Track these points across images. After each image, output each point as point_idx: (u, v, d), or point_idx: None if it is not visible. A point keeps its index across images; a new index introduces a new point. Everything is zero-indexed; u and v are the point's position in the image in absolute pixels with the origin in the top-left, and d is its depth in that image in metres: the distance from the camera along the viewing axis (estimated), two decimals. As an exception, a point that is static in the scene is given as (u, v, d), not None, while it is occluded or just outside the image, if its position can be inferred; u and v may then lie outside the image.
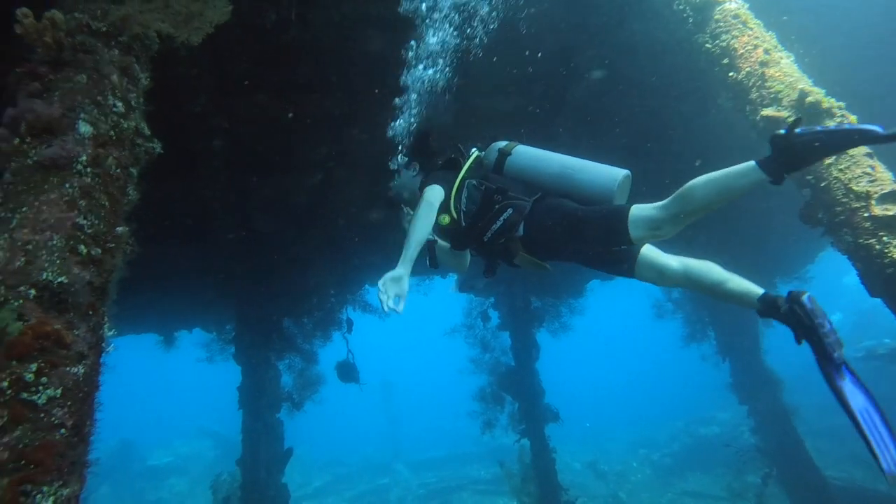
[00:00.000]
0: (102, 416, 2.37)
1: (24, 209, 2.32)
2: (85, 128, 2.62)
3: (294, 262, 9.31)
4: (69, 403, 2.04)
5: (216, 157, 7.10)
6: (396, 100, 5.85)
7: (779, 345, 12.87)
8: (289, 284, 9.58)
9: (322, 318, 10.39)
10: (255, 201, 8.02)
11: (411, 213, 3.92)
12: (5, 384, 1.92)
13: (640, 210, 3.27)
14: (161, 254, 7.97)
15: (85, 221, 2.40)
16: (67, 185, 2.43)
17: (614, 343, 51.52)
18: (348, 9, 5.72)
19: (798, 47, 5.05)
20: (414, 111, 5.89)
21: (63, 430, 1.99)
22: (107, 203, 2.56)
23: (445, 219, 3.74)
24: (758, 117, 4.47)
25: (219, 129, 6.78)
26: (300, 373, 10.49)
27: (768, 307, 3.02)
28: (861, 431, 2.64)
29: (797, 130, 2.83)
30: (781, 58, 4.57)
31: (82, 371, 2.15)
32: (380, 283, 3.24)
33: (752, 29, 4.75)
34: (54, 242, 2.26)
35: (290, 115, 6.95)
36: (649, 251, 3.49)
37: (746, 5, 4.98)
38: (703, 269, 3.35)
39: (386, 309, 3.17)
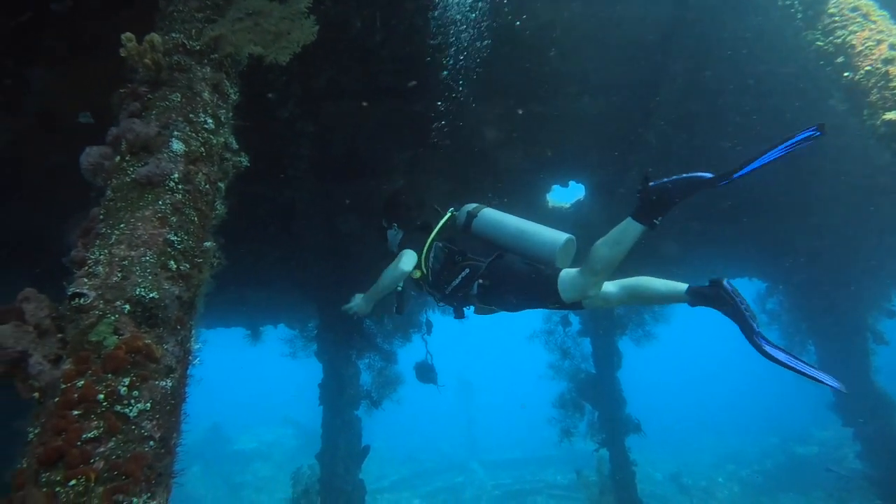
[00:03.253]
0: (196, 400, 2.46)
1: (121, 226, 2.43)
2: (178, 145, 2.72)
3: (375, 263, 9.44)
4: (157, 416, 2.11)
5: (302, 160, 7.31)
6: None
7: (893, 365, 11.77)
8: (370, 285, 9.73)
9: (402, 319, 10.50)
10: (338, 203, 8.20)
11: None
12: (101, 396, 2.01)
13: (566, 276, 3.92)
14: (248, 253, 8.33)
15: (175, 238, 2.49)
16: (160, 202, 2.53)
17: (701, 353, 49.15)
18: (437, 13, 5.70)
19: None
20: None
21: (152, 443, 2.05)
22: (196, 219, 2.65)
23: (417, 273, 4.47)
24: (878, 122, 4.03)
25: (305, 134, 6.97)
26: (379, 372, 10.65)
27: (695, 296, 3.55)
28: (802, 374, 3.21)
29: (650, 184, 3.50)
30: (912, 54, 4.08)
31: (170, 384, 2.22)
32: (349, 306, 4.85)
33: (874, 22, 4.28)
34: (147, 258, 2.36)
35: (374, 118, 7.05)
36: None
37: (870, -5, 4.50)
38: (638, 282, 3.86)
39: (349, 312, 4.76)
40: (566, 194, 9.46)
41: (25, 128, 5.60)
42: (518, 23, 5.92)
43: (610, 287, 3.90)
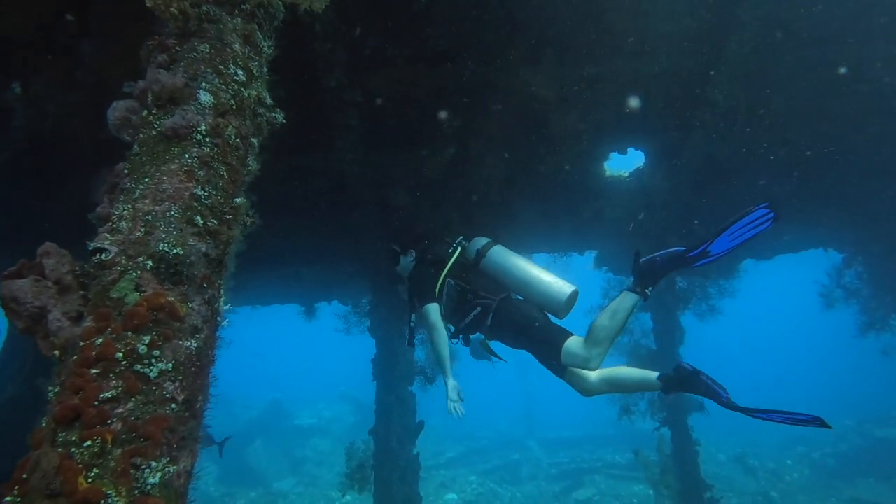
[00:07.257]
0: (257, 377, 2.35)
1: (146, 180, 2.31)
2: (206, 97, 2.58)
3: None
4: (181, 378, 1.99)
5: (351, 131, 7.18)
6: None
7: None
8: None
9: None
10: (388, 175, 8.05)
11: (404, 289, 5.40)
12: (120, 355, 1.89)
13: (572, 344, 4.30)
14: (301, 228, 8.31)
15: (202, 192, 2.35)
16: (187, 156, 2.39)
17: (768, 330, 47.07)
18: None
19: None
20: None
21: (174, 405, 1.93)
22: (225, 173, 2.50)
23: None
24: None
25: (353, 104, 6.82)
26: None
27: (667, 383, 4.05)
28: (786, 421, 3.67)
29: (641, 259, 4.07)
30: None
31: (195, 345, 2.09)
32: (449, 403, 4.80)
33: None
34: (172, 213, 2.23)
35: (422, 85, 6.83)
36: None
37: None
38: (614, 372, 4.33)
39: (459, 415, 4.79)
40: (624, 162, 8.97)
41: (77, 102, 5.67)
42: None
43: (592, 376, 4.36)
